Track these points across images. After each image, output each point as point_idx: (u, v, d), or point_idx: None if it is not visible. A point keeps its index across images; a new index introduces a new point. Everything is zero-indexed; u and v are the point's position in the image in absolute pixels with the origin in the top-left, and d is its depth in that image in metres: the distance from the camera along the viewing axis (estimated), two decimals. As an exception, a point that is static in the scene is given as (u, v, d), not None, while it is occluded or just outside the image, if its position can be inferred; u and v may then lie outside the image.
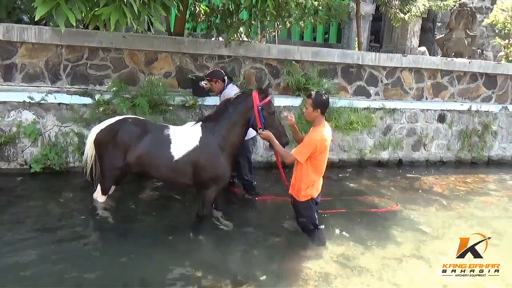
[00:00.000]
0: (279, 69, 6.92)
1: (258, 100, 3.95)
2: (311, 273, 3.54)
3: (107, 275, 3.32)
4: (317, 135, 3.74)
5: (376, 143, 7.45)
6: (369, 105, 7.28)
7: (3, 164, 5.58)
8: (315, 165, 3.82)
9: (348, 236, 4.27)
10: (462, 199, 5.89)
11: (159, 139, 4.09)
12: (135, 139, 4.08)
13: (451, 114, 7.94)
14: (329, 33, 13.53)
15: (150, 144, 4.06)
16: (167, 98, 5.93)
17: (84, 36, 5.79)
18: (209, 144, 4.00)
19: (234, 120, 4.04)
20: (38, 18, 3.45)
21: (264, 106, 3.97)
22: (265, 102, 3.98)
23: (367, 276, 3.57)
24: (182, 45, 6.25)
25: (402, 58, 7.56)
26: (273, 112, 4.05)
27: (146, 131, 4.14)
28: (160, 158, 4.03)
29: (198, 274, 3.42)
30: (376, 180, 6.54)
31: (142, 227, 4.23)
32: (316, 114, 3.78)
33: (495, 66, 8.21)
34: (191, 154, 3.98)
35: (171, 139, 4.07)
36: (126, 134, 4.11)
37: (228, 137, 4.04)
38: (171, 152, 4.01)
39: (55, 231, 4.00)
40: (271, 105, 4.04)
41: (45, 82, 5.82)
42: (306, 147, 3.73)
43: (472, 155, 8.17)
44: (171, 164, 4.00)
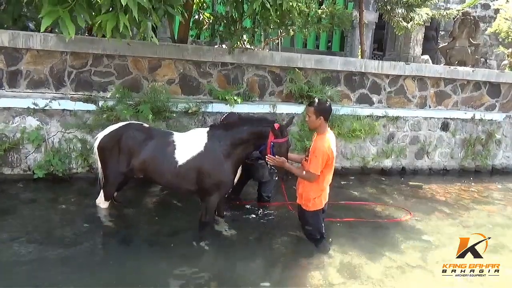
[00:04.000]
0: (282, 76, 6.93)
1: (273, 137, 3.88)
2: (314, 281, 3.52)
3: (109, 281, 3.32)
4: (324, 143, 3.71)
5: (379, 151, 7.43)
6: (372, 113, 7.27)
7: (7, 170, 5.60)
8: (324, 174, 3.79)
9: (352, 244, 4.24)
10: (465, 207, 5.85)
11: (164, 144, 4.10)
12: (139, 145, 4.08)
13: (454, 123, 7.92)
14: (332, 41, 13.55)
15: (155, 150, 4.07)
16: (170, 105, 5.95)
17: (89, 43, 5.84)
18: (213, 151, 3.99)
19: (244, 138, 4.00)
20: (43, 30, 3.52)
21: (276, 144, 3.89)
22: (279, 141, 3.89)
23: (370, 285, 3.54)
24: (185, 52, 6.28)
25: (405, 66, 7.56)
26: (283, 152, 3.92)
27: (150, 136, 4.15)
28: (164, 164, 4.03)
29: (200, 280, 3.41)
30: (379, 188, 6.52)
31: (144, 233, 4.22)
32: (319, 122, 3.76)
33: (498, 75, 8.20)
34: (195, 160, 3.97)
35: (176, 145, 4.08)
36: (130, 140, 4.12)
37: (233, 149, 4.02)
38: (175, 157, 4.01)
39: (57, 237, 4.00)
40: (282, 146, 3.91)
41: (50, 88, 5.85)
42: (319, 158, 3.67)
43: (476, 163, 8.12)
44: (175, 169, 4.00)
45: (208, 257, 3.88)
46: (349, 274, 3.69)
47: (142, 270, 3.48)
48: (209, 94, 6.54)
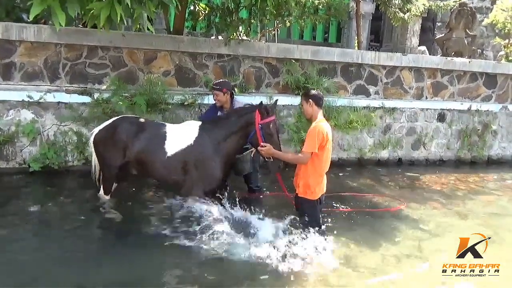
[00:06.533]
0: (278, 68, 6.90)
1: (260, 118, 3.89)
2: (311, 273, 3.50)
3: (106, 274, 3.30)
4: (317, 127, 3.76)
5: (375, 142, 7.44)
6: (369, 104, 7.26)
7: (2, 164, 5.56)
8: (320, 158, 3.82)
9: (347, 234, 4.22)
10: (462, 198, 5.88)
11: (155, 136, 4.13)
12: (133, 137, 4.10)
13: (451, 114, 7.93)
14: (328, 32, 13.52)
15: (147, 141, 4.09)
16: (166, 97, 5.92)
17: (83, 34, 5.78)
18: (202, 145, 4.03)
19: (233, 130, 4.03)
20: (33, 18, 3.46)
21: (264, 125, 3.90)
22: (266, 121, 3.90)
23: (366, 274, 3.55)
24: (181, 44, 6.24)
25: (402, 57, 7.55)
26: (272, 134, 3.91)
27: (143, 128, 4.17)
28: (155, 155, 4.06)
29: (198, 273, 3.40)
30: (376, 179, 6.53)
31: (142, 226, 4.16)
32: (311, 108, 3.84)
33: (495, 66, 8.21)
34: (184, 152, 4.01)
35: (167, 137, 4.12)
36: (123, 132, 4.14)
37: (223, 144, 4.04)
38: (165, 148, 4.05)
39: (53, 230, 3.99)
40: (270, 126, 3.91)
41: (44, 81, 5.80)
42: (312, 138, 3.71)
43: (472, 154, 8.16)
44: (165, 160, 4.03)
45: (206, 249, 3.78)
46: (345, 263, 3.69)
47: (139, 263, 3.46)
48: (205, 85, 6.50)
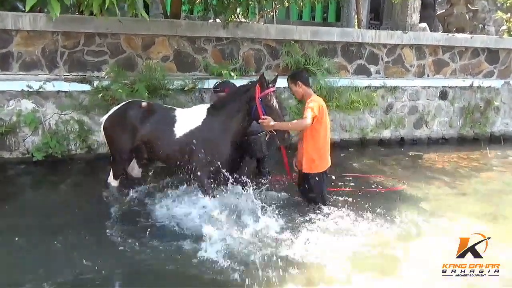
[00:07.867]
0: (278, 49, 6.83)
1: (260, 91, 3.89)
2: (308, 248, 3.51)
3: (107, 264, 3.27)
4: (311, 100, 3.91)
5: (377, 122, 7.42)
6: (370, 84, 7.21)
7: (6, 154, 5.58)
8: (318, 130, 3.90)
9: (350, 215, 4.20)
10: (465, 175, 5.88)
11: (165, 118, 4.20)
12: (142, 120, 4.16)
13: (453, 91, 7.87)
14: (328, 11, 13.33)
15: (156, 124, 4.15)
16: (166, 82, 5.89)
17: (79, 22, 5.71)
18: (210, 126, 4.06)
19: (237, 108, 4.05)
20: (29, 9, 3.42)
21: (264, 97, 3.87)
22: (266, 92, 3.89)
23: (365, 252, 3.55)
24: (179, 28, 6.17)
25: (403, 35, 7.44)
26: (271, 105, 3.87)
27: (152, 111, 4.23)
28: (164, 137, 4.12)
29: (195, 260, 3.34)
30: (379, 159, 6.53)
31: (146, 215, 4.12)
32: (300, 89, 3.99)
33: (497, 41, 8.09)
34: (192, 133, 4.05)
35: (176, 119, 4.17)
36: (133, 115, 4.18)
37: (229, 123, 4.06)
38: (174, 131, 4.10)
39: (57, 218, 4.01)
40: (268, 97, 3.87)
41: (43, 70, 5.76)
42: (313, 107, 3.80)
43: (475, 131, 8.13)
44: (174, 142, 4.08)
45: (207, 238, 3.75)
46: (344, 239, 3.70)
47: (143, 254, 3.43)
48: (205, 70, 6.46)
